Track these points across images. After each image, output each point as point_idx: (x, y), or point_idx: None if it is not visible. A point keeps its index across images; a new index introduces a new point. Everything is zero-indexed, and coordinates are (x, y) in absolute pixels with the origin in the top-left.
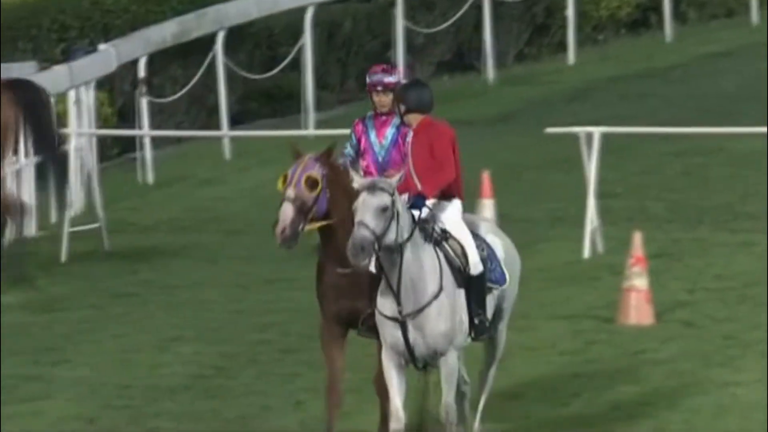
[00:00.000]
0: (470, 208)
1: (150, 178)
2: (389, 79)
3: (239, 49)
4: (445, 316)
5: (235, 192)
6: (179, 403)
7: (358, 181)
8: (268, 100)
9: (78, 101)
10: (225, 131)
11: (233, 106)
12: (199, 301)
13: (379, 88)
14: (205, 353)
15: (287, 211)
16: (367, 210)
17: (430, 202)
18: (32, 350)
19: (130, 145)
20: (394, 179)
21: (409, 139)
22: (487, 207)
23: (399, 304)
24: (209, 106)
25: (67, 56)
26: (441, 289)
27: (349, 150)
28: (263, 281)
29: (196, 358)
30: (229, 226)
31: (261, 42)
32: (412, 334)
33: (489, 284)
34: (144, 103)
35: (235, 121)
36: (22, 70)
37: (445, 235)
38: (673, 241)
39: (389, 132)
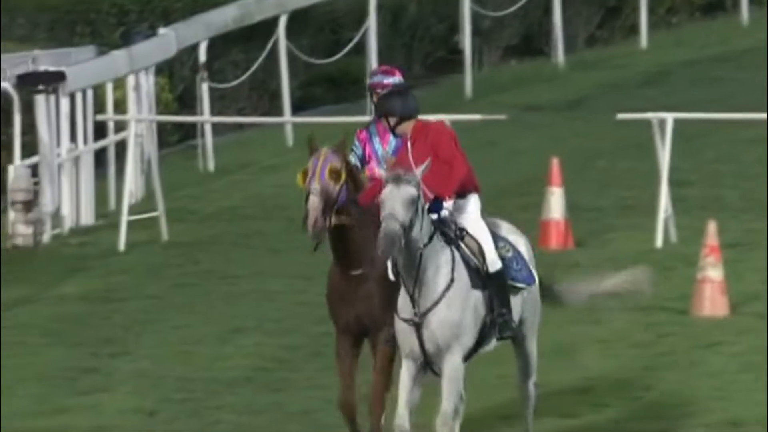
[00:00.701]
0: (539, 196)
1: (211, 165)
2: (389, 80)
3: (302, 33)
4: (453, 309)
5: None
6: (240, 396)
7: (382, 173)
8: (332, 85)
9: (137, 87)
10: (287, 117)
11: (296, 91)
12: (261, 292)
13: (379, 90)
14: (268, 345)
15: (316, 203)
16: (395, 201)
17: (448, 203)
18: (91, 341)
19: (190, 131)
20: (418, 172)
21: (409, 147)
22: (556, 195)
23: (414, 306)
24: (271, 92)
25: (126, 40)
26: (452, 282)
27: (354, 160)
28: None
29: (258, 350)
30: (292, 215)
31: (324, 26)
32: (423, 332)
33: (516, 283)
34: (205, 89)
35: (298, 107)
36: (80, 54)
37: (462, 234)
38: (749, 230)
39: (392, 138)
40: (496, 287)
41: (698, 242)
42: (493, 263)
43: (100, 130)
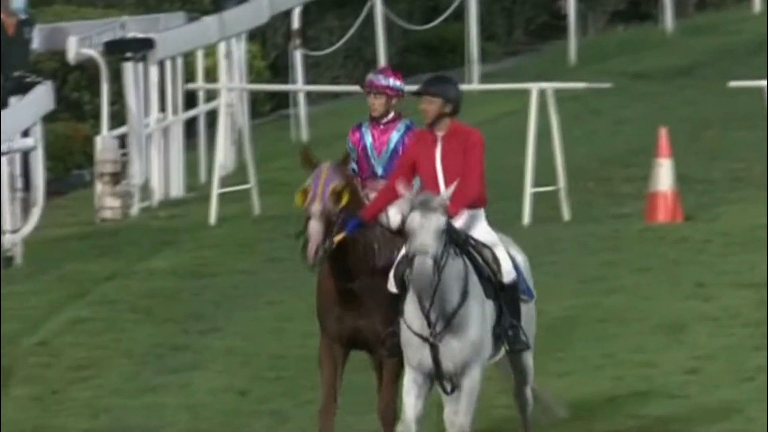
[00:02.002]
0: (646, 168)
1: (304, 135)
2: (383, 81)
3: None
4: (472, 327)
5: None
6: None
7: (405, 197)
8: (430, 53)
9: (228, 54)
10: None
11: (392, 58)
12: None
13: (370, 89)
14: None
15: (316, 229)
16: (427, 233)
17: (457, 219)
18: (181, 318)
19: (283, 101)
20: (445, 197)
21: (439, 150)
22: (664, 167)
23: (430, 323)
24: (367, 59)
25: (217, 6)
26: (466, 296)
27: (353, 165)
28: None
29: None
30: None
31: None
32: (441, 350)
33: (522, 296)
34: (298, 56)
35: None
36: (170, 21)
37: (475, 242)
38: None
39: (393, 137)
40: (509, 298)
41: None
42: (508, 273)
43: (190, 100)
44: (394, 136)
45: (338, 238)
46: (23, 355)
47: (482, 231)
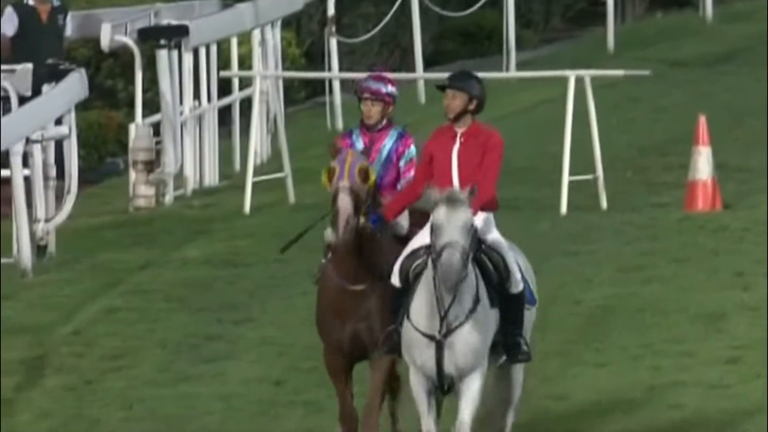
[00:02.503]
0: (685, 156)
1: (339, 123)
2: (382, 89)
3: None
4: (478, 331)
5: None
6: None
7: (430, 192)
8: (466, 40)
9: (263, 41)
10: (419, 73)
11: (428, 45)
12: None
13: (366, 96)
14: None
15: (347, 202)
16: (454, 228)
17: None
18: (216, 307)
19: (318, 88)
20: (467, 192)
21: (457, 147)
22: (703, 155)
23: (441, 323)
24: (403, 46)
25: None
26: (478, 302)
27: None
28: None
29: None
30: None
31: None
32: (445, 353)
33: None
34: (333, 44)
35: (430, 62)
36: (204, 8)
37: (486, 248)
38: None
39: (386, 144)
40: (514, 308)
41: None
42: (517, 283)
43: (224, 87)
44: (387, 143)
45: (364, 221)
46: (57, 345)
47: (494, 235)
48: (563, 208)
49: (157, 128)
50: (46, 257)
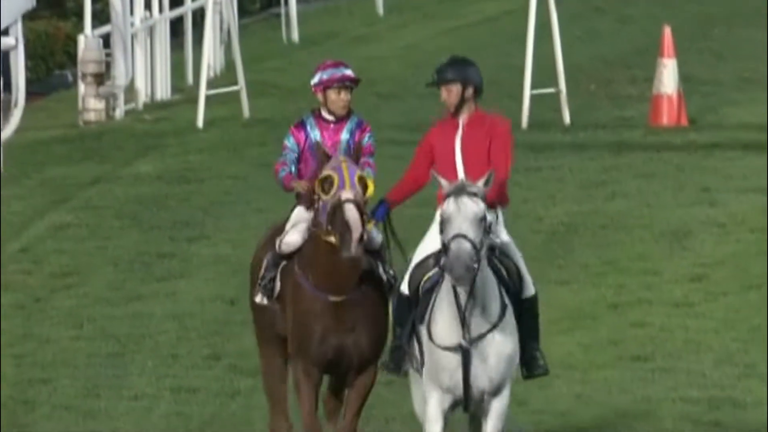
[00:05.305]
0: (650, 68)
1: (295, 35)
2: (344, 72)
3: None
4: (510, 339)
5: (389, 51)
6: None
7: (443, 184)
8: None
9: None
10: None
11: None
12: None
13: (339, 84)
14: None
15: (356, 217)
16: (464, 219)
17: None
18: (168, 224)
19: None
20: (481, 183)
21: (460, 136)
22: (669, 68)
23: (465, 329)
24: None
25: None
26: (505, 309)
27: (291, 156)
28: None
29: None
30: (383, 89)
31: None
32: (477, 364)
33: None
34: None
35: None
36: None
37: (499, 255)
38: None
39: (344, 136)
40: (528, 316)
41: None
42: (529, 288)
43: None
44: (344, 134)
45: (371, 225)
46: (4, 262)
47: (504, 238)
48: (525, 122)
49: (107, 40)
50: None
